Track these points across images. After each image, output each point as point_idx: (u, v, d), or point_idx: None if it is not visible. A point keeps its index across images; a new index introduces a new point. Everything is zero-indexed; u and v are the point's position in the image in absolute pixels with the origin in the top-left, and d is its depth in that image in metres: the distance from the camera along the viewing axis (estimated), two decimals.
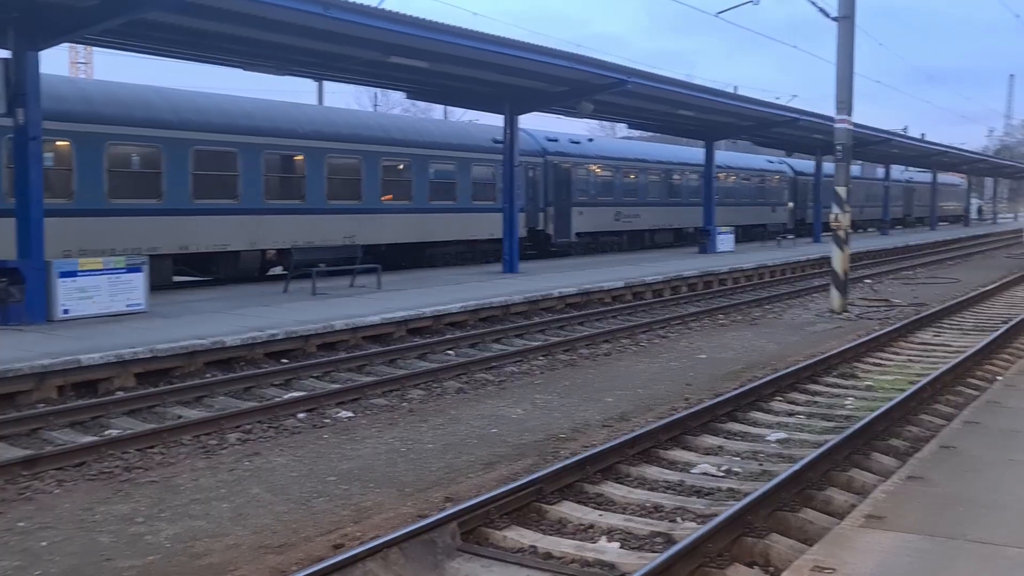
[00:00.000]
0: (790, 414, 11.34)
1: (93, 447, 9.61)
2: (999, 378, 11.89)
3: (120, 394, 12.11)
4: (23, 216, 15.70)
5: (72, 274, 15.92)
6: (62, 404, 11.55)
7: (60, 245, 18.44)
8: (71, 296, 15.87)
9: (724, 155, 46.15)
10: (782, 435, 10.26)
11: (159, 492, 8.46)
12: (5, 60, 15.36)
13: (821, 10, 21.76)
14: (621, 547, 7.01)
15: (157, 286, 19.59)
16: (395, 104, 71.80)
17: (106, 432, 10.58)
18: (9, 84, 15.29)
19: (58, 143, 19.20)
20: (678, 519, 7.63)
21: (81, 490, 8.55)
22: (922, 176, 73.77)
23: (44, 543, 7.20)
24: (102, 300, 16.32)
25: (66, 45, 41.31)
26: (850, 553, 5.29)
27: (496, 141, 29.32)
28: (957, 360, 13.72)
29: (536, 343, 16.59)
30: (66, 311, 15.76)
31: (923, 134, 61.47)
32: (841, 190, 21.01)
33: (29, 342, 13.39)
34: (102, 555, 6.95)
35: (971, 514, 5.99)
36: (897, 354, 15.67)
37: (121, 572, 6.64)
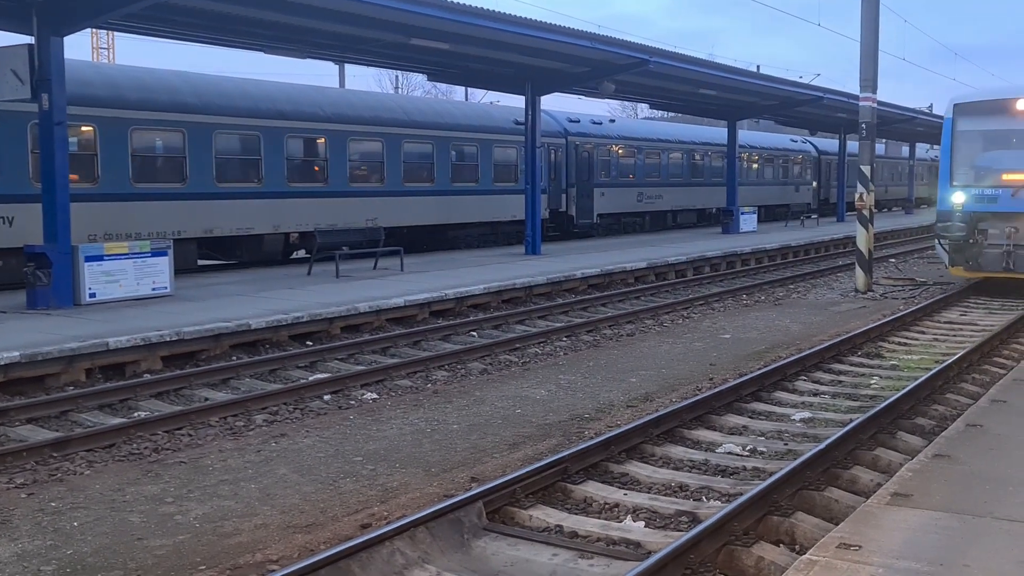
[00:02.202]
0: (815, 394, 11.31)
1: (122, 429, 9.72)
2: None
3: (147, 377, 12.22)
4: (49, 201, 15.83)
5: (98, 258, 16.05)
6: (90, 387, 11.67)
7: (86, 229, 18.59)
8: (97, 280, 16.00)
9: (747, 135, 45.88)
10: (807, 414, 10.24)
11: (188, 473, 8.55)
12: (29, 46, 15.45)
13: None
14: (646, 526, 7.03)
15: (182, 270, 19.73)
16: (416, 86, 71.77)
17: (134, 414, 10.68)
18: (33, 70, 15.38)
19: (82, 128, 19.32)
20: (703, 498, 7.65)
21: (111, 471, 8.65)
22: None
23: (76, 523, 7.30)
24: (128, 284, 16.45)
25: (88, 30, 41.50)
26: (876, 531, 5.28)
27: (518, 123, 29.27)
28: (983, 339, 13.63)
29: (559, 324, 16.61)
30: (92, 295, 15.90)
31: None
32: (865, 169, 20.85)
33: (57, 326, 13.53)
34: (133, 535, 7.04)
35: (998, 492, 5.97)
36: (923, 333, 15.58)
37: (152, 551, 6.72)
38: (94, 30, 52.10)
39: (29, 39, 15.61)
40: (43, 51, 15.44)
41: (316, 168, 24.36)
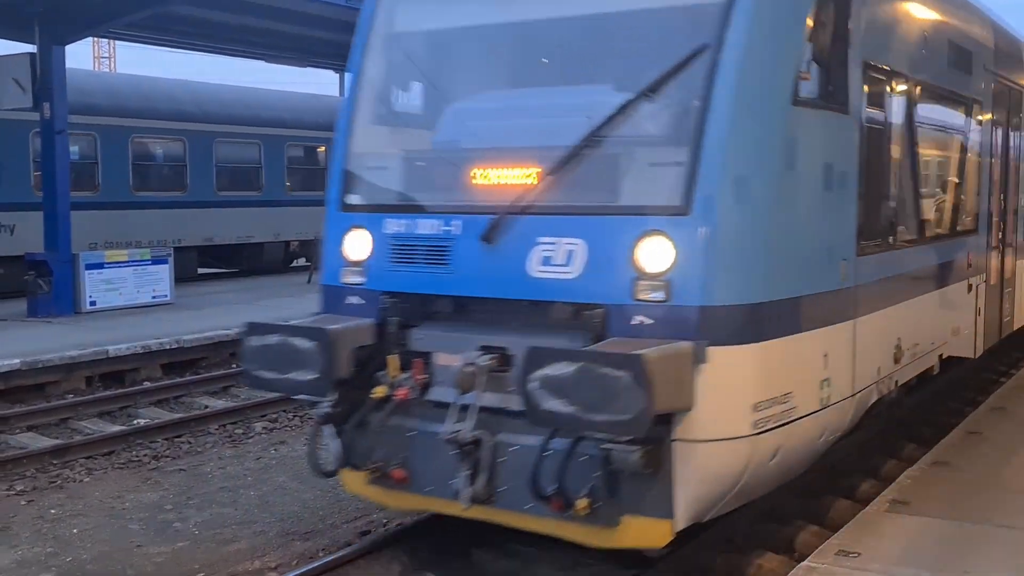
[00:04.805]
0: None
1: (121, 436, 9.73)
2: None
3: (147, 384, 12.22)
4: (50, 209, 15.84)
5: (98, 266, 16.05)
6: (90, 394, 11.67)
7: (86, 237, 18.61)
8: (98, 288, 16.00)
9: None
10: None
11: (187, 480, 8.55)
12: (31, 54, 15.48)
13: None
14: None
15: (182, 278, 19.73)
16: None
17: (134, 422, 10.69)
18: (35, 78, 15.40)
19: (83, 136, 19.33)
20: None
21: (110, 478, 8.65)
22: None
23: (75, 530, 7.30)
24: (128, 292, 16.44)
25: (89, 39, 41.65)
26: (875, 538, 5.29)
27: None
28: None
29: None
30: (93, 303, 15.89)
31: None
32: None
33: (57, 333, 13.52)
34: (132, 542, 7.04)
35: (996, 499, 5.97)
36: None
37: (151, 558, 6.72)
38: (95, 39, 52.25)
39: (31, 48, 15.66)
40: (45, 60, 15.47)
41: (317, 176, 24.36)
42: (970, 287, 8.87)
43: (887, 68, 6.86)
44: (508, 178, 5.78)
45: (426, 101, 6.74)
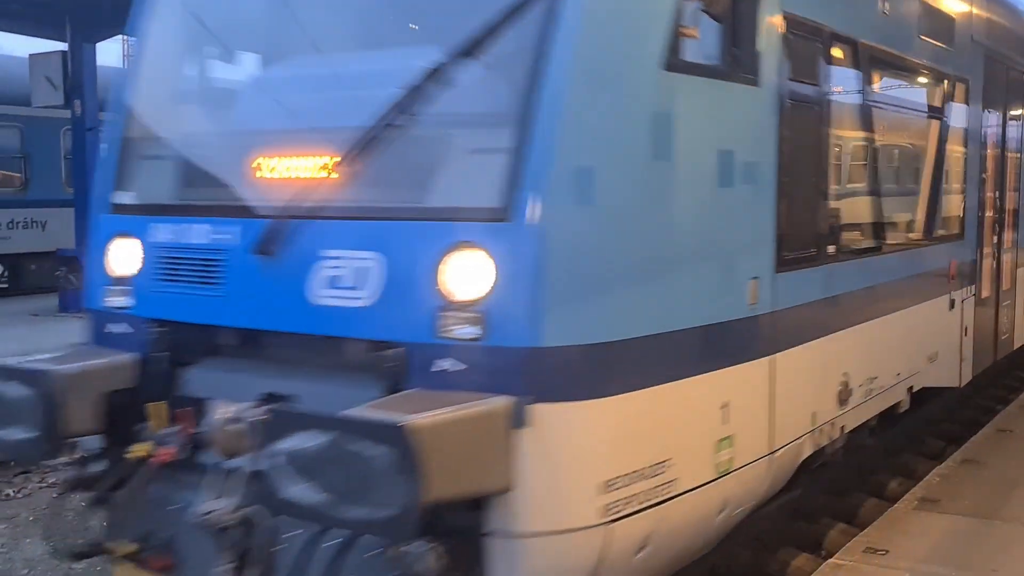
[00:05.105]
0: None
1: None
2: None
3: None
4: (81, 205, 16.00)
5: None
6: None
7: None
8: None
9: None
10: None
11: None
12: (62, 52, 15.65)
13: None
14: None
15: None
16: None
17: None
18: (66, 76, 15.56)
19: None
20: None
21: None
22: None
23: (105, 523, 7.35)
24: None
25: (119, 37, 41.98)
26: (903, 536, 5.26)
27: None
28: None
29: None
30: None
31: None
32: None
33: None
34: None
35: None
36: None
37: None
38: (124, 37, 52.80)
39: (63, 46, 15.83)
40: (76, 58, 15.63)
41: None
42: (952, 303, 7.56)
43: (821, 26, 5.29)
44: (294, 170, 4.43)
45: (215, 72, 5.41)
